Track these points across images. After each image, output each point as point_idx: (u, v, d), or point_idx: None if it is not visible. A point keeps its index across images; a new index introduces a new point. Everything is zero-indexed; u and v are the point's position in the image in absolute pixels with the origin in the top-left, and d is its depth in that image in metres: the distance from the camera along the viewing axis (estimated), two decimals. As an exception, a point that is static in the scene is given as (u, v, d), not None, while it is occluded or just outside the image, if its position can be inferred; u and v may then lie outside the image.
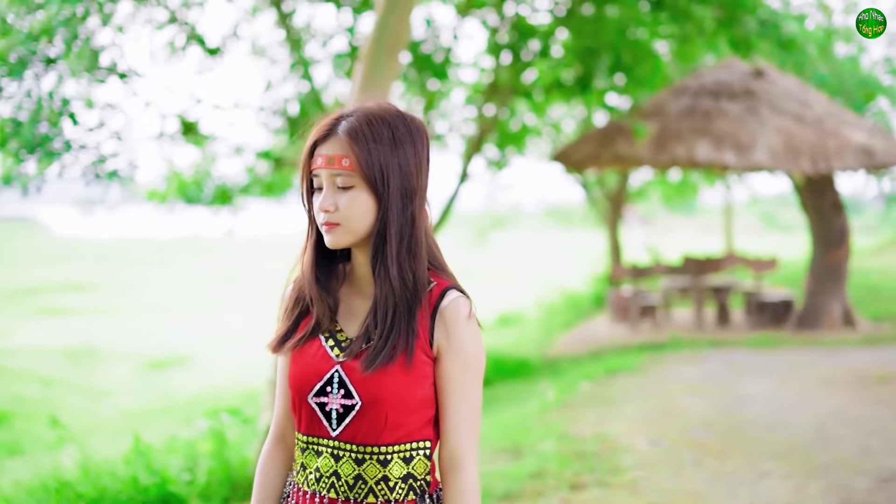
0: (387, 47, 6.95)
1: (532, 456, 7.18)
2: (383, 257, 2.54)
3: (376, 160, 2.51)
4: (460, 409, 2.54)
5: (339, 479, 2.56)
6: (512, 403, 9.65)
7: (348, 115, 2.57)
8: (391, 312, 2.53)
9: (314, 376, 2.58)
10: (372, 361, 2.49)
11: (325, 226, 2.54)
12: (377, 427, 2.53)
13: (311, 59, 12.65)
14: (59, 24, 10.50)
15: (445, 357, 2.54)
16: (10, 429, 11.09)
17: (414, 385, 2.51)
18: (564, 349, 14.02)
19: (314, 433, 2.60)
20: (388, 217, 2.53)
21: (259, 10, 12.52)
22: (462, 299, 2.59)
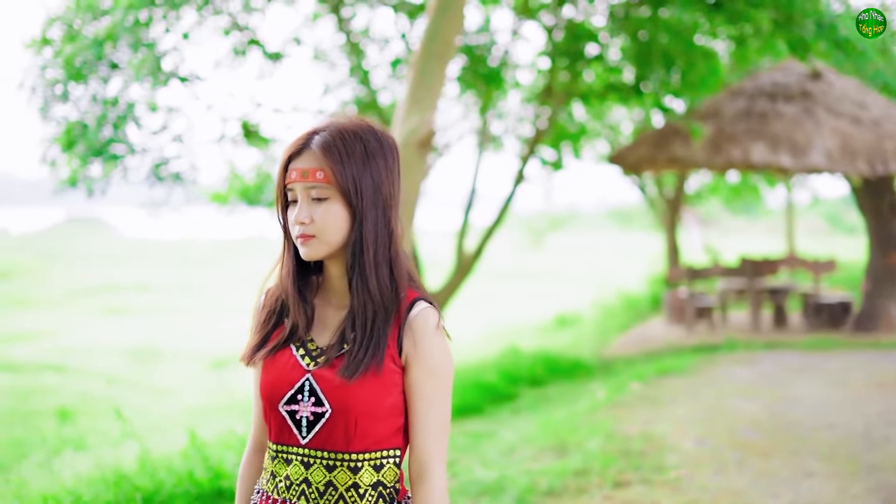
0: (437, 54, 7.09)
1: (578, 454, 7.29)
2: (360, 268, 2.60)
3: (349, 172, 2.56)
4: (428, 417, 2.59)
5: (310, 487, 2.62)
6: (562, 403, 9.75)
7: (321, 130, 2.62)
8: (370, 321, 2.58)
9: (285, 385, 2.63)
10: (354, 370, 2.54)
11: (300, 238, 2.60)
12: (347, 434, 2.57)
13: (369, 64, 12.83)
14: (123, 30, 10.75)
15: (413, 366, 2.59)
16: (75, 425, 11.36)
17: (383, 393, 2.56)
18: (619, 350, 14.08)
19: (284, 441, 2.65)
20: (363, 228, 2.59)
21: (319, 16, 12.72)
22: (430, 310, 2.63)
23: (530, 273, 30.16)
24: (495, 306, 22.81)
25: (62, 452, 9.49)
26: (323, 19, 12.80)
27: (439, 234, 33.95)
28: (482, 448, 7.88)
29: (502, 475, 6.77)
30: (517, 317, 20.23)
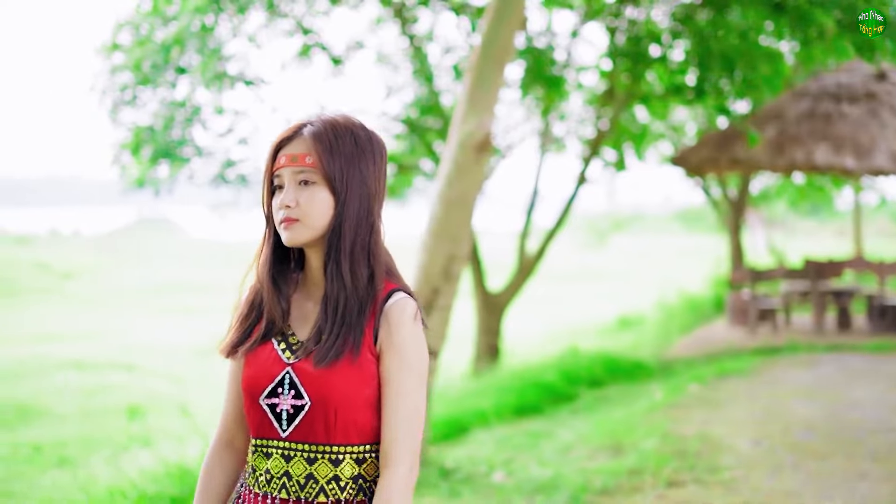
0: (494, 58, 7.18)
1: (633, 453, 7.36)
2: (336, 254, 2.63)
3: (338, 161, 2.62)
4: (397, 406, 2.60)
5: (291, 479, 2.63)
6: (620, 404, 9.80)
7: (313, 121, 2.68)
8: (342, 308, 2.61)
9: (266, 378, 2.65)
10: (323, 357, 2.57)
11: (284, 222, 2.62)
12: (327, 426, 2.59)
13: (431, 67, 12.94)
14: (190, 34, 10.97)
15: (385, 354, 2.61)
16: (142, 422, 11.61)
17: (360, 384, 2.59)
18: (680, 352, 14.08)
19: (264, 435, 2.67)
20: (343, 216, 2.63)
21: (382, 20, 12.86)
22: (407, 300, 2.67)
23: (593, 274, 30.12)
24: (558, 307, 22.85)
25: (129, 449, 9.75)
26: (386, 23, 12.94)
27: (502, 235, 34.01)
28: (539, 447, 7.97)
29: (557, 473, 6.87)
30: (579, 318, 20.26)
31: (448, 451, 7.94)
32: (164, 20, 11.28)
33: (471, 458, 7.52)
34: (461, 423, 8.86)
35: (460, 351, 14.19)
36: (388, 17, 12.76)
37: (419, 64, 12.62)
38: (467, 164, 7.15)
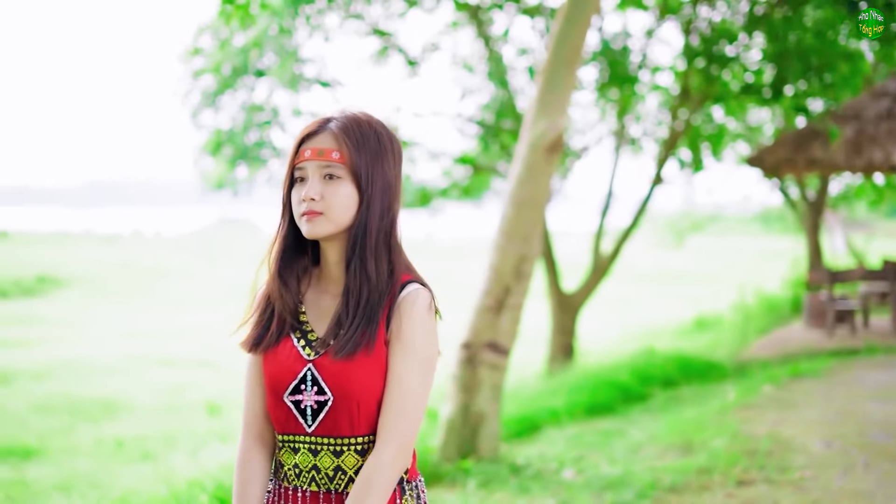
0: (565, 60, 7.26)
1: (703, 452, 7.39)
2: (361, 250, 2.65)
3: (363, 157, 2.64)
4: (395, 392, 2.62)
5: (320, 473, 2.68)
6: (693, 404, 9.81)
7: (338, 117, 2.71)
8: (364, 303, 2.63)
9: (288, 376, 2.68)
10: (341, 349, 2.59)
11: (306, 215, 2.64)
12: (351, 419, 2.63)
13: (507, 69, 13.02)
14: (268, 38, 11.18)
15: (392, 341, 2.64)
16: (221, 418, 11.86)
17: (379, 375, 2.63)
18: (756, 353, 14.00)
19: (290, 431, 2.71)
20: (369, 212, 2.65)
21: (458, 24, 12.97)
22: (421, 291, 2.70)
23: (671, 275, 29.99)
24: (635, 308, 22.82)
25: (208, 443, 9.98)
26: (462, 25, 13.05)
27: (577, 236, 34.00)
28: (610, 445, 8.03)
29: (626, 471, 6.93)
30: (656, 318, 20.22)
31: (519, 448, 8.03)
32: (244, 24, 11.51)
33: (541, 456, 7.60)
34: (533, 422, 8.94)
35: (535, 350, 14.27)
36: (463, 20, 12.88)
37: (494, 66, 12.71)
38: (538, 165, 7.25)
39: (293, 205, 2.70)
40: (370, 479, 2.57)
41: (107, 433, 11.97)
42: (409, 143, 13.14)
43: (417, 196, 14.22)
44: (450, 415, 7.34)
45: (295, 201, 2.69)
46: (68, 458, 10.82)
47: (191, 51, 12.13)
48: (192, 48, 12.12)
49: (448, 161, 13.65)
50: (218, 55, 11.81)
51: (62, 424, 12.54)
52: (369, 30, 12.20)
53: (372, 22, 12.15)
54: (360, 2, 11.90)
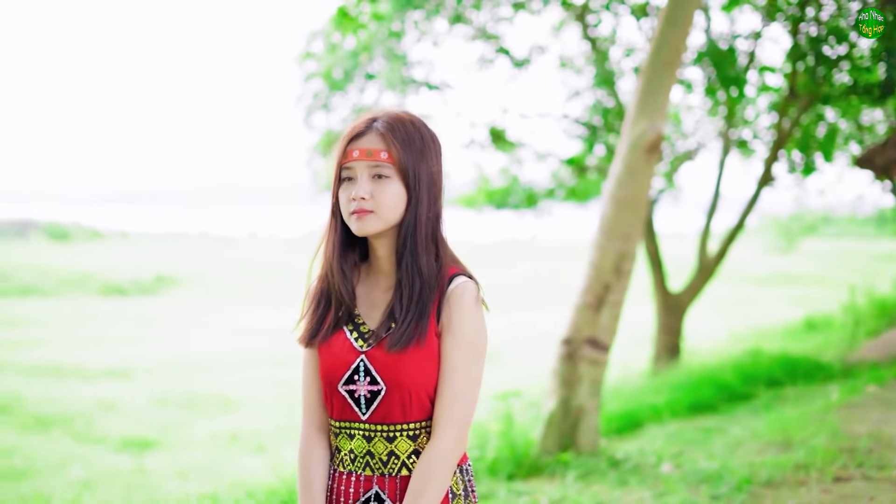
0: (665, 61, 7.37)
1: (801, 449, 7.41)
2: (413, 245, 2.76)
3: (410, 156, 2.75)
4: (450, 382, 2.73)
5: (374, 458, 2.78)
6: (796, 404, 9.78)
7: (382, 116, 2.81)
8: (416, 296, 2.74)
9: (342, 366, 2.80)
10: (395, 343, 2.70)
11: (356, 214, 2.75)
12: (404, 407, 2.74)
13: (613, 70, 13.08)
14: (378, 42, 11.44)
15: (444, 334, 2.74)
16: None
17: (431, 365, 2.74)
18: (865, 355, 13.83)
19: (346, 418, 2.82)
20: (418, 208, 2.77)
21: (564, 24, 13.08)
22: (469, 283, 2.79)
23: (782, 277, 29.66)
24: (744, 309, 22.65)
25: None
26: (568, 27, 13.15)
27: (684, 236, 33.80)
28: (709, 442, 8.10)
29: (724, 466, 7.00)
30: (765, 320, 20.06)
31: (619, 443, 8.14)
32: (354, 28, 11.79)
33: (641, 451, 7.71)
34: (635, 418, 9.04)
35: (640, 350, 14.33)
36: (569, 21, 12.97)
37: (600, 67, 12.79)
38: (638, 165, 7.38)
39: (342, 203, 2.81)
40: (430, 468, 2.70)
41: (221, 427, 12.37)
42: (515, 144, 13.30)
43: (524, 197, 14.36)
44: (550, 409, 7.50)
45: (344, 200, 2.79)
46: (184, 450, 11.24)
47: (303, 55, 12.47)
48: (305, 52, 12.45)
49: (555, 162, 13.78)
50: (329, 59, 12.12)
51: (178, 418, 12.98)
52: (476, 34, 12.39)
53: (479, 25, 12.33)
54: (467, 7, 12.09)
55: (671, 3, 7.43)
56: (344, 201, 2.79)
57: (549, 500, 6.52)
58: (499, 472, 7.15)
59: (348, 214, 2.79)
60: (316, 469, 2.90)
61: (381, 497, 2.78)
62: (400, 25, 11.63)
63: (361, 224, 2.76)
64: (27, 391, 14.10)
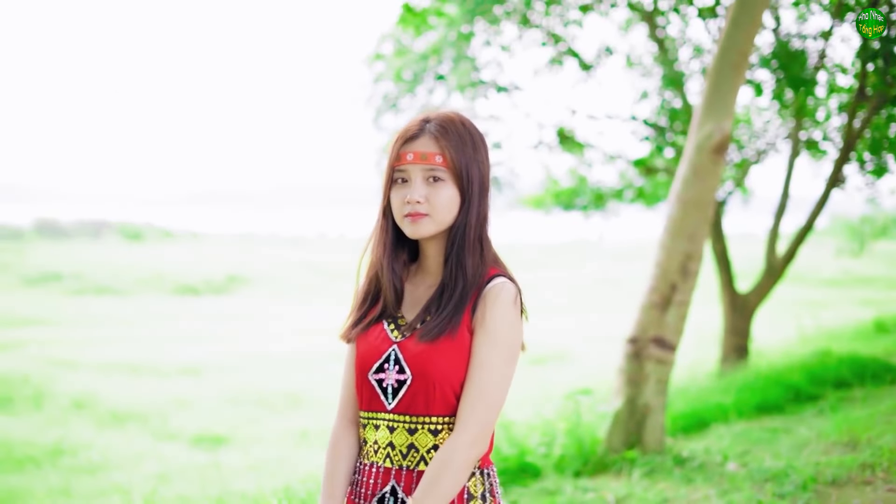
0: (732, 63, 7.42)
1: (867, 449, 7.41)
2: (460, 247, 2.79)
3: (463, 159, 2.79)
4: (477, 379, 2.72)
5: (394, 449, 2.79)
6: (864, 405, 9.74)
7: (433, 118, 2.84)
8: (458, 295, 2.76)
9: (375, 355, 2.83)
10: (427, 333, 2.73)
11: (410, 216, 2.79)
12: (427, 399, 2.74)
13: (681, 71, 13.07)
14: (447, 44, 11.56)
15: (476, 330, 2.75)
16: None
17: (460, 360, 2.74)
18: (940, 357, 13.72)
19: (373, 409, 2.85)
20: (469, 211, 2.80)
21: (631, 22, 13.11)
22: (507, 284, 2.80)
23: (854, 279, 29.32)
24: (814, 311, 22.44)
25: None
26: (635, 28, 13.17)
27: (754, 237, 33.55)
28: (776, 442, 8.13)
29: (789, 465, 7.03)
30: (835, 322, 19.89)
31: (686, 442, 8.19)
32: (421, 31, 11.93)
33: (707, 450, 7.76)
34: (701, 418, 9.08)
35: (708, 351, 14.31)
36: (637, 21, 12.99)
37: (668, 68, 12.80)
38: (704, 166, 7.44)
39: (395, 205, 2.84)
40: (445, 460, 2.70)
41: (292, 424, 12.56)
42: (583, 145, 13.35)
43: (592, 198, 14.42)
44: (616, 407, 7.58)
45: (398, 202, 2.83)
46: (256, 446, 11.43)
47: (373, 56, 12.63)
48: (375, 54, 12.62)
49: (623, 163, 13.81)
50: (398, 61, 12.27)
51: (250, 415, 13.19)
52: (545, 37, 12.46)
53: (548, 27, 12.40)
54: (535, 11, 12.17)
55: (738, 5, 7.48)
56: (398, 203, 2.82)
57: (616, 497, 6.61)
58: (565, 469, 7.25)
59: (402, 217, 2.82)
60: (342, 459, 2.94)
61: (396, 491, 2.80)
62: (469, 28, 11.74)
63: (416, 227, 2.79)
64: (103, 388, 14.42)
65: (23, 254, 34.47)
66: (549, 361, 17.07)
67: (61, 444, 11.34)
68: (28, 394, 13.97)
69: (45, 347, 17.61)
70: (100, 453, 11.09)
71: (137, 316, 23.36)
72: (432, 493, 2.68)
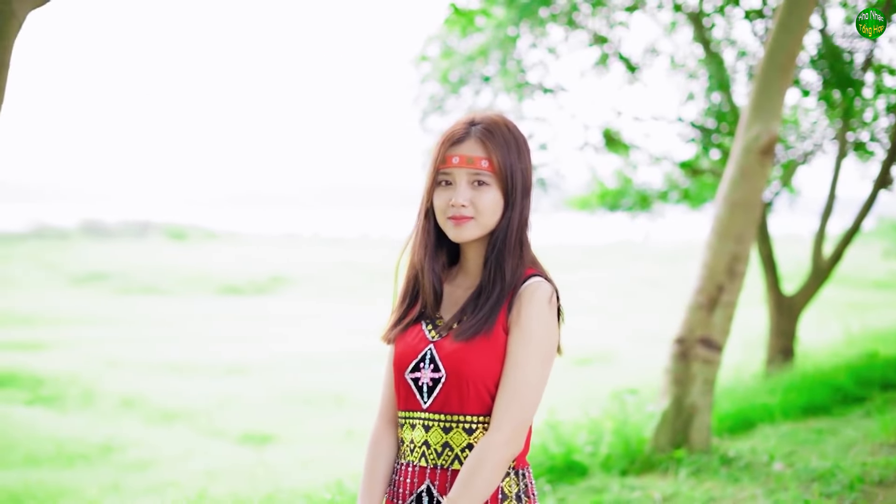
0: (779, 65, 7.44)
1: (915, 450, 7.46)
2: (500, 251, 2.80)
3: (508, 163, 2.80)
4: (512, 378, 2.73)
5: (429, 448, 2.81)
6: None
7: (479, 121, 2.85)
8: (495, 297, 2.77)
9: (411, 355, 2.85)
10: (463, 332, 2.75)
11: (454, 219, 2.80)
12: (461, 397, 2.76)
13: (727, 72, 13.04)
14: (494, 46, 11.63)
15: (511, 330, 2.75)
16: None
17: (494, 359, 2.75)
18: None
19: (410, 408, 2.87)
20: (512, 215, 2.81)
21: (676, 24, 13.11)
22: (542, 283, 2.81)
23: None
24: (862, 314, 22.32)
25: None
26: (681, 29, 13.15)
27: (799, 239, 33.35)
28: (822, 442, 8.14)
29: (836, 465, 7.05)
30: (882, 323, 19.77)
31: (731, 442, 8.22)
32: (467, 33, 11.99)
33: (753, 450, 7.79)
34: (747, 419, 9.09)
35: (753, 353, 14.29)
36: (682, 23, 12.98)
37: (714, 70, 12.78)
38: (752, 168, 7.48)
39: (439, 207, 2.86)
40: (480, 460, 2.70)
41: (337, 423, 12.68)
42: (629, 146, 13.37)
43: (637, 199, 14.43)
44: (663, 407, 7.63)
45: (441, 204, 2.84)
46: (302, 444, 11.56)
47: (420, 57, 12.71)
48: (421, 55, 12.70)
49: (669, 165, 13.81)
50: (445, 62, 12.34)
51: (296, 414, 13.33)
52: (591, 38, 12.49)
53: (594, 29, 12.43)
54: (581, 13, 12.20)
55: (785, 8, 7.51)
56: (442, 206, 2.83)
57: (662, 496, 6.66)
58: (612, 467, 7.31)
59: (445, 219, 2.84)
60: (381, 458, 2.96)
61: (431, 491, 2.81)
62: (515, 31, 11.79)
63: (460, 230, 2.81)
64: (151, 386, 14.63)
65: (69, 254, 34.89)
66: (593, 362, 17.13)
67: (111, 441, 11.53)
68: (77, 392, 14.18)
69: (94, 346, 17.84)
70: (149, 450, 11.28)
71: (183, 315, 23.59)
72: (467, 492, 2.69)
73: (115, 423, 12.62)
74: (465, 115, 2.89)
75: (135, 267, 31.63)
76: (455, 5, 11.05)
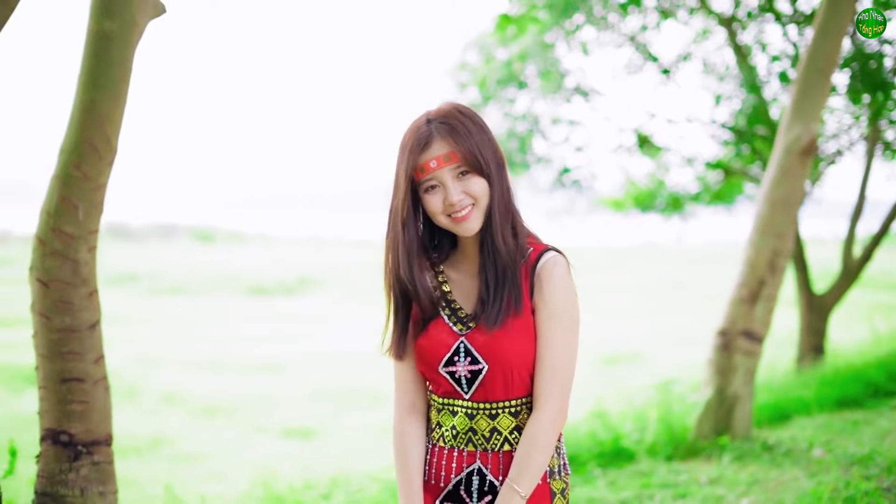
0: (819, 68, 7.73)
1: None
2: (490, 226, 2.83)
3: (475, 147, 2.81)
4: (547, 356, 2.80)
5: (476, 434, 2.86)
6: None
7: (432, 119, 2.87)
8: (500, 273, 2.81)
9: (442, 349, 2.87)
10: (493, 319, 2.78)
11: (457, 217, 2.83)
12: (506, 385, 2.83)
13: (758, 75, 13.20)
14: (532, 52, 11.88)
15: (538, 308, 2.82)
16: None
17: (528, 341, 2.82)
18: None
19: (449, 396, 2.90)
20: (493, 191, 2.84)
21: (709, 31, 13.31)
22: (557, 257, 2.86)
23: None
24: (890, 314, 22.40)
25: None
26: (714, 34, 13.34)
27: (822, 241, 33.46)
28: (858, 431, 8.39)
29: (874, 450, 7.32)
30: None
31: (770, 432, 8.49)
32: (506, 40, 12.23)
33: (792, 438, 8.07)
34: (783, 410, 9.34)
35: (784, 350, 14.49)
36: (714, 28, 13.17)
37: (746, 73, 12.95)
38: (792, 168, 7.78)
39: (434, 212, 2.88)
40: (534, 439, 2.80)
41: (374, 418, 12.92)
42: (662, 148, 13.56)
43: (669, 201, 14.62)
44: (707, 396, 7.93)
45: (437, 208, 2.87)
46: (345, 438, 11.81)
47: (458, 65, 12.97)
48: (460, 63, 12.95)
49: (701, 166, 13.99)
50: (483, 69, 12.59)
51: (334, 409, 13.57)
52: (624, 41, 12.70)
53: (628, 33, 12.65)
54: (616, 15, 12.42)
55: (825, 13, 7.79)
56: (438, 209, 2.86)
57: (708, 478, 6.94)
58: (658, 453, 7.61)
59: (446, 220, 2.87)
60: (412, 447, 3.00)
61: (483, 472, 2.87)
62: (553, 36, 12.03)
63: (468, 224, 2.85)
64: (190, 383, 14.88)
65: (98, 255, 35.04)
66: (621, 362, 17.27)
67: (159, 435, 11.78)
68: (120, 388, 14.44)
69: (130, 344, 18.07)
70: (196, 444, 11.53)
71: (213, 315, 23.81)
72: (526, 472, 2.79)
73: (160, 417, 12.88)
74: (416, 119, 2.91)
75: (164, 268, 31.87)
76: (507, 14, 11.30)
